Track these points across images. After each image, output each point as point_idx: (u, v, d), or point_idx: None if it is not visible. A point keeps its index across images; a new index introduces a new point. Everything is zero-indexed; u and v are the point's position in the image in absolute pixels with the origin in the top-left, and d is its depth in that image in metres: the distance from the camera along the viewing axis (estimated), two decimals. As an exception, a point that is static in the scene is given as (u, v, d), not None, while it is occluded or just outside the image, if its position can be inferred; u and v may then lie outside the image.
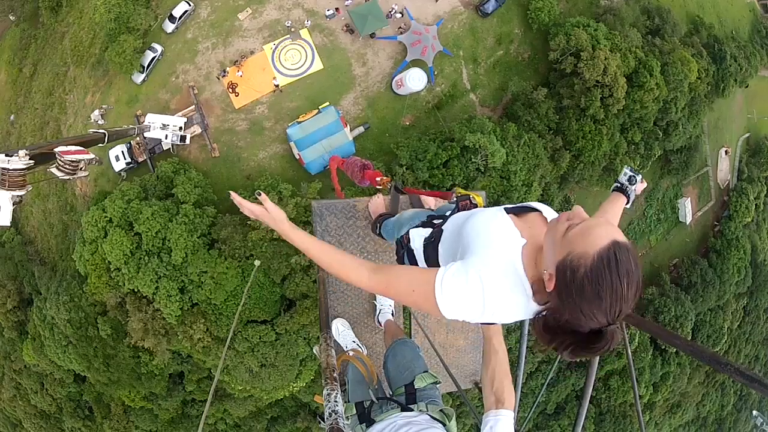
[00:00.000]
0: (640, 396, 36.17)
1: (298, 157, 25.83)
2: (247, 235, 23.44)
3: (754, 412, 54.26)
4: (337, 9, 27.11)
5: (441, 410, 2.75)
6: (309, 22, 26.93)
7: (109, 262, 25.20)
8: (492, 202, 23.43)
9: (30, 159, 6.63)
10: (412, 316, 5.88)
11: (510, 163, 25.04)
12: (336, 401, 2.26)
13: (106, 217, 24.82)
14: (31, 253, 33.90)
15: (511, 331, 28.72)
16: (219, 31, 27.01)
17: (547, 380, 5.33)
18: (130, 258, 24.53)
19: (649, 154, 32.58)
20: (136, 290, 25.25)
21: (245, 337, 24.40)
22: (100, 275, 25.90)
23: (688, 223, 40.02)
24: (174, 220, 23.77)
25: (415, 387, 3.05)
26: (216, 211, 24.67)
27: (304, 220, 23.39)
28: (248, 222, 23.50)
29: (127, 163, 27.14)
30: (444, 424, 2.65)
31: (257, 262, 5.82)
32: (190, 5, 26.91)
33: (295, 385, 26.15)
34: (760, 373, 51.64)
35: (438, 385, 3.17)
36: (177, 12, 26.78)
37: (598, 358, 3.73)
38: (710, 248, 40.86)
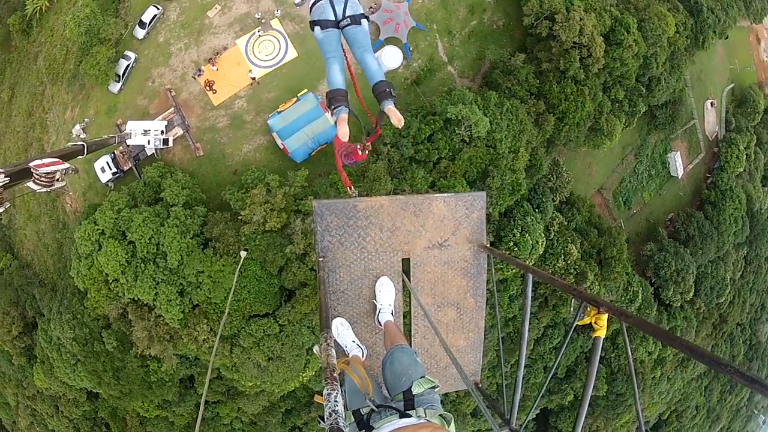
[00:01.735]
0: (648, 352, 36.19)
1: (282, 147, 25.75)
2: (240, 230, 23.41)
3: (761, 417, 54.93)
4: (305, -4, 27.00)
5: (440, 415, 2.78)
6: (279, 11, 26.80)
7: (106, 274, 25.14)
8: (480, 172, 22.96)
9: (6, 177, 6.66)
10: (411, 316, 5.90)
11: (494, 131, 24.99)
12: (336, 401, 2.26)
13: (98, 229, 24.75)
14: (30, 276, 33.81)
15: (514, 299, 28.84)
16: (190, 31, 26.88)
17: (562, 350, 5.35)
18: (126, 267, 24.49)
19: (633, 111, 32.56)
20: (136, 299, 25.24)
21: (249, 332, 24.41)
22: (99, 288, 25.87)
23: (679, 176, 40.08)
24: (165, 223, 23.70)
25: (413, 393, 3.08)
26: (206, 210, 24.62)
27: (294, 209, 23.38)
28: (239, 216, 23.48)
29: (113, 173, 27.06)
30: None
31: (243, 253, 5.87)
32: (158, 9, 26.78)
33: (304, 374, 26.20)
34: (768, 322, 51.76)
35: (436, 389, 3.19)
36: (146, 17, 26.66)
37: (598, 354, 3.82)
38: (704, 200, 40.91)
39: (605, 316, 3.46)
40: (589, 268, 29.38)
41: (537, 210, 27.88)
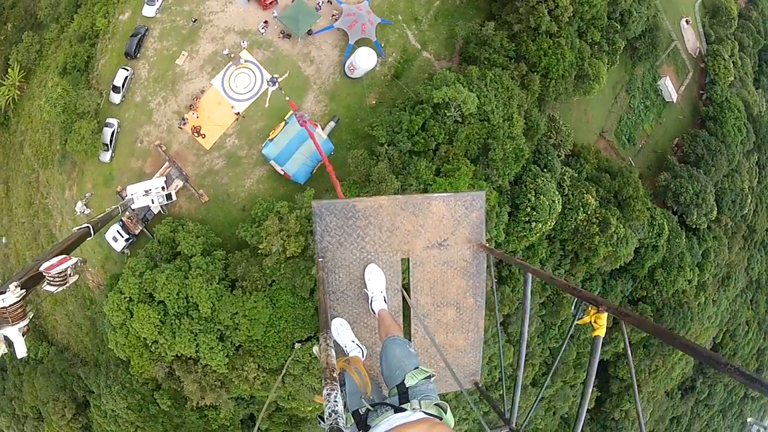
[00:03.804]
0: (688, 281, 35.75)
1: (282, 172, 25.74)
2: (262, 264, 23.46)
3: (749, 419, 54.51)
4: (266, 21, 26.91)
5: (436, 404, 2.79)
6: (245, 42, 26.75)
7: (144, 338, 25.34)
8: (481, 147, 22.86)
9: (22, 288, 6.64)
10: (411, 318, 5.88)
11: (484, 104, 24.82)
12: (336, 401, 2.27)
13: (125, 297, 24.93)
14: (70, 358, 34.15)
15: (544, 262, 28.70)
16: (164, 84, 26.92)
17: (562, 350, 5.30)
18: (162, 327, 24.66)
19: (613, 49, 32.26)
20: (179, 355, 25.41)
21: (296, 359, 24.46)
22: (141, 353, 26.08)
23: (675, 101, 39.67)
24: (189, 275, 23.82)
25: (407, 386, 3.10)
26: (225, 253, 24.72)
27: (310, 229, 23.39)
28: (259, 250, 23.53)
29: (126, 240, 27.22)
30: (440, 418, 2.69)
31: (297, 345, 5.97)
32: (128, 70, 26.84)
33: (360, 387, 26.29)
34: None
35: (432, 378, 3.20)
36: (118, 81, 26.73)
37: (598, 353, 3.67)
38: (705, 117, 40.51)
39: (605, 315, 3.43)
40: (610, 213, 29.16)
41: (545, 170, 27.70)
